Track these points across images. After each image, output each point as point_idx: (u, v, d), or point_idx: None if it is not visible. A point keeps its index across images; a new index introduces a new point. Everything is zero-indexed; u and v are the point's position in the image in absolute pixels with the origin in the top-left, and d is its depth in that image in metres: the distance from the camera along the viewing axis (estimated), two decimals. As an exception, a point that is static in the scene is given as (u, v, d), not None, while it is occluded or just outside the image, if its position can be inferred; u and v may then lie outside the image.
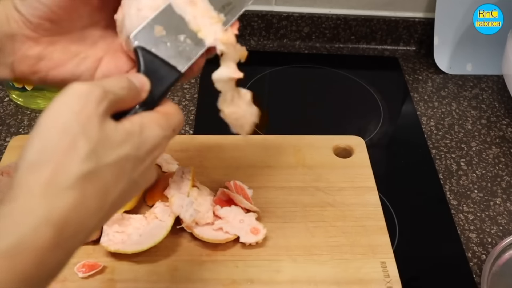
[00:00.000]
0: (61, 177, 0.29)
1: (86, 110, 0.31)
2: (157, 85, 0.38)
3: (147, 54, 0.39)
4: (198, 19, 0.41)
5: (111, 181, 0.31)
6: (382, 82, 0.91)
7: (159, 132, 0.35)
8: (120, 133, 0.32)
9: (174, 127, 0.37)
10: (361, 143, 0.67)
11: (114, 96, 0.33)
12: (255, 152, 0.65)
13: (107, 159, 0.31)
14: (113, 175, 0.31)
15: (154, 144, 0.35)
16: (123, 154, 0.32)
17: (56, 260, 0.29)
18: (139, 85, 0.37)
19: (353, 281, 0.53)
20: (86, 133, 0.30)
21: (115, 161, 0.31)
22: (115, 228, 0.53)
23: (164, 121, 0.36)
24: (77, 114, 0.30)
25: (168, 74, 0.39)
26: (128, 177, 0.33)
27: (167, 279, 0.52)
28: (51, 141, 0.30)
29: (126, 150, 0.32)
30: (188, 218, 0.53)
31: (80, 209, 0.29)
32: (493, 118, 0.85)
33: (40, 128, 0.30)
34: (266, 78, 0.90)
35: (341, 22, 0.96)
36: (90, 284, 0.51)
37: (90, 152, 0.30)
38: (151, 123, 0.35)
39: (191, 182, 0.57)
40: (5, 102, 0.80)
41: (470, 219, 0.68)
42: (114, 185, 0.31)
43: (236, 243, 0.55)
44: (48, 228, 0.28)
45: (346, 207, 0.60)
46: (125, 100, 0.35)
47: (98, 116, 0.31)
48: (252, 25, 0.95)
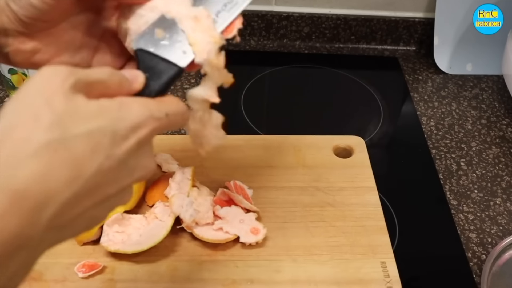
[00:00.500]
0: (24, 146, 0.28)
1: (50, 86, 0.30)
2: (155, 79, 0.38)
3: (146, 54, 0.39)
4: (197, 33, 0.41)
5: (83, 153, 0.29)
6: (382, 82, 0.91)
7: (142, 110, 0.33)
8: (92, 107, 0.31)
9: (167, 112, 0.35)
10: (361, 143, 0.67)
11: (86, 76, 0.32)
12: (255, 152, 0.65)
13: (75, 130, 0.29)
14: (85, 147, 0.30)
15: (136, 122, 0.32)
16: (96, 126, 0.30)
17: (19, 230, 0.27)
18: (131, 76, 0.36)
19: (353, 281, 0.53)
20: (49, 104, 0.29)
21: (86, 132, 0.30)
22: (115, 228, 0.53)
23: (153, 104, 0.35)
24: (42, 90, 0.30)
25: (166, 69, 0.39)
26: (108, 153, 0.31)
27: (167, 279, 0.52)
28: (15, 114, 0.29)
29: (100, 122, 0.31)
30: (188, 218, 0.54)
31: (44, 178, 0.28)
32: (493, 118, 0.85)
33: (6, 108, 0.30)
34: (266, 78, 0.90)
35: (341, 22, 0.96)
36: (90, 284, 0.51)
37: (54, 122, 0.29)
38: (134, 102, 0.34)
39: (191, 182, 0.57)
40: (5, 102, 0.80)
41: (470, 219, 0.68)
42: (88, 157, 0.30)
43: (236, 243, 0.55)
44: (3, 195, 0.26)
45: (346, 207, 0.60)
46: (105, 83, 0.34)
47: (64, 90, 0.30)
48: (252, 25, 0.95)
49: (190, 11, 0.41)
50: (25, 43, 0.39)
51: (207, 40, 0.41)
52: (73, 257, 0.53)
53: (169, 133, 0.76)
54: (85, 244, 0.54)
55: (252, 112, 0.82)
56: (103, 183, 0.31)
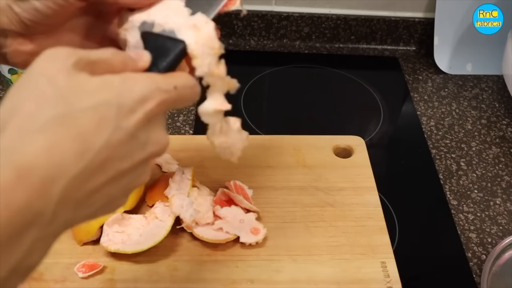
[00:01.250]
0: (29, 123, 0.28)
1: (52, 65, 0.30)
2: (162, 57, 0.37)
3: (151, 35, 0.39)
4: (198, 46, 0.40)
5: (89, 126, 0.29)
6: (382, 82, 0.91)
7: (148, 83, 0.33)
8: (96, 81, 0.31)
9: (176, 85, 0.35)
10: (361, 143, 0.67)
11: (87, 55, 0.32)
12: (255, 152, 0.65)
13: (80, 104, 0.29)
14: (91, 120, 0.29)
15: (142, 94, 0.32)
16: (101, 100, 0.30)
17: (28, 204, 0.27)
18: (135, 55, 0.36)
19: (353, 281, 0.53)
20: (52, 83, 0.29)
21: (91, 106, 0.30)
22: (115, 228, 0.53)
23: (159, 77, 0.34)
24: (44, 70, 0.30)
25: (173, 46, 0.38)
26: (115, 125, 0.30)
27: (167, 279, 0.52)
28: (19, 97, 0.29)
29: (104, 95, 0.30)
30: (188, 218, 0.54)
31: (52, 152, 0.28)
32: (493, 118, 0.85)
33: (10, 91, 0.30)
34: (266, 78, 0.90)
35: (341, 22, 0.96)
36: (90, 284, 0.51)
37: (58, 98, 0.29)
38: (138, 76, 0.33)
39: (191, 182, 0.57)
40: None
41: (470, 219, 0.68)
42: (95, 131, 0.29)
43: (236, 243, 0.55)
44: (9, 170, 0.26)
45: (346, 207, 0.60)
46: (111, 63, 0.33)
47: (65, 68, 0.30)
48: (252, 25, 0.95)
49: (188, 20, 0.40)
50: (24, 45, 0.39)
51: (207, 52, 0.40)
52: (73, 257, 0.53)
53: (169, 133, 0.76)
54: (85, 244, 0.54)
55: (252, 112, 0.82)
56: (115, 157, 0.31)
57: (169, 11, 0.40)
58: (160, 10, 0.41)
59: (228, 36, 0.95)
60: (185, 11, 0.41)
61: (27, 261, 0.28)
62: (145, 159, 0.33)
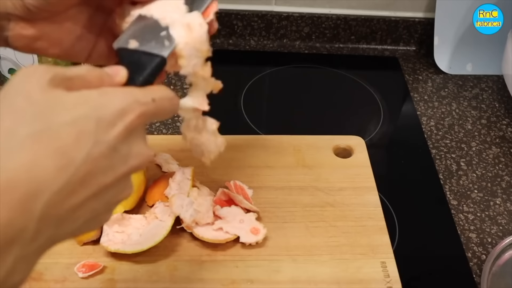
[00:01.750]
0: (8, 139, 0.28)
1: (28, 83, 0.30)
2: (138, 72, 0.37)
3: (127, 51, 0.39)
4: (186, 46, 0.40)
5: (68, 141, 0.29)
6: (382, 82, 0.91)
7: (127, 96, 0.33)
8: (73, 96, 0.31)
9: (153, 97, 0.35)
10: (361, 143, 0.67)
11: (62, 71, 0.32)
12: (255, 152, 0.65)
13: (58, 119, 0.29)
14: (70, 135, 0.29)
15: (121, 107, 0.32)
16: (79, 114, 0.30)
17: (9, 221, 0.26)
18: (111, 71, 0.36)
19: (353, 281, 0.53)
20: (28, 99, 0.29)
21: (69, 120, 0.29)
22: (115, 228, 0.53)
23: (137, 90, 0.34)
24: (20, 88, 0.30)
25: (150, 60, 0.38)
26: (95, 139, 0.30)
27: (167, 279, 0.52)
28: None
29: (82, 110, 0.30)
30: (188, 218, 0.54)
31: (32, 168, 0.27)
32: (493, 118, 0.85)
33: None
34: (266, 78, 0.90)
35: (341, 22, 0.96)
36: (90, 284, 0.51)
37: (35, 114, 0.29)
38: (115, 89, 0.33)
39: (191, 182, 0.57)
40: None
41: (470, 219, 0.68)
42: (75, 145, 0.29)
43: (236, 243, 0.55)
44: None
45: (346, 207, 0.60)
46: (87, 79, 0.33)
47: (41, 85, 0.30)
48: (252, 25, 0.95)
49: (183, 18, 0.40)
50: (26, 29, 0.40)
51: (195, 54, 0.40)
52: (73, 257, 0.53)
53: (169, 133, 0.76)
54: (85, 244, 0.54)
55: (252, 112, 0.82)
56: (97, 172, 0.31)
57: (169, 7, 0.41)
58: (161, 6, 0.41)
59: (228, 36, 0.95)
60: (183, 8, 0.41)
61: (10, 281, 0.28)
62: (127, 172, 0.33)
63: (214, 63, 0.44)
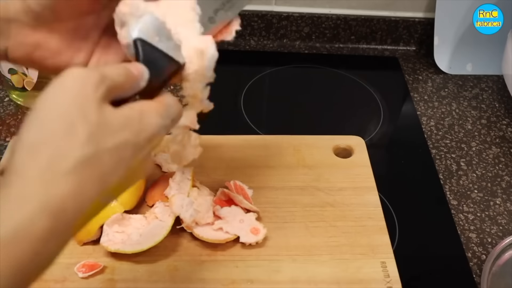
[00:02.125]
0: (60, 162, 0.28)
1: (84, 93, 0.30)
2: (156, 75, 0.38)
3: (146, 45, 0.38)
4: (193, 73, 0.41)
5: (110, 167, 0.31)
6: (382, 82, 0.91)
7: (158, 121, 0.35)
8: (119, 119, 0.32)
9: (172, 117, 0.37)
10: (361, 143, 0.67)
11: (111, 82, 0.32)
12: (255, 152, 0.65)
13: (106, 144, 0.30)
14: (112, 161, 0.31)
15: (153, 132, 0.34)
16: (123, 140, 0.31)
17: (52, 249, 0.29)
18: (137, 73, 0.36)
19: (353, 281, 0.53)
20: (85, 116, 0.30)
21: (114, 146, 0.31)
22: (115, 228, 0.53)
23: (163, 110, 0.36)
24: (75, 97, 0.30)
25: (167, 65, 0.38)
26: (127, 164, 0.32)
27: (167, 279, 0.52)
28: (49, 124, 0.29)
29: (125, 135, 0.32)
30: (188, 218, 0.54)
31: (78, 196, 0.29)
32: (493, 118, 0.85)
33: (38, 110, 0.30)
34: (266, 78, 0.90)
35: (341, 22, 0.96)
36: (90, 284, 0.51)
37: (90, 136, 0.29)
38: (151, 111, 0.35)
39: (191, 182, 0.57)
40: (5, 102, 0.80)
41: (470, 219, 0.68)
42: (113, 171, 0.31)
43: (236, 243, 0.55)
44: (44, 216, 0.27)
45: (346, 207, 0.60)
46: (123, 87, 0.34)
47: (97, 99, 0.31)
48: (252, 25, 0.95)
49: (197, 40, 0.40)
50: (28, 36, 0.40)
51: (199, 80, 0.41)
52: (73, 257, 0.53)
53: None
54: (85, 244, 0.54)
55: (252, 112, 0.82)
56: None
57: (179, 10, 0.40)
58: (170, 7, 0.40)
59: (228, 36, 0.95)
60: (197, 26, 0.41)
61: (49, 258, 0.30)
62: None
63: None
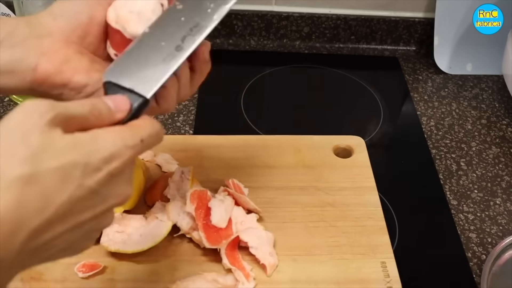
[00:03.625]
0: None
1: (28, 121, 0.31)
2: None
3: (113, 86, 0.39)
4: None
5: (53, 185, 0.31)
6: (382, 82, 0.91)
7: (116, 141, 0.34)
8: (66, 141, 0.32)
9: (142, 138, 0.36)
10: (361, 143, 0.67)
11: (65, 110, 0.33)
12: (255, 152, 0.65)
13: (48, 164, 0.31)
14: (56, 179, 0.31)
15: (110, 153, 0.34)
16: (69, 160, 0.32)
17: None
18: (114, 106, 0.37)
19: (353, 281, 0.53)
20: (25, 140, 0.31)
21: (58, 166, 0.31)
22: (115, 228, 0.53)
23: (127, 132, 0.36)
24: (19, 125, 0.31)
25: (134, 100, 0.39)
26: (78, 183, 0.32)
27: (167, 279, 0.52)
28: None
29: (72, 156, 0.32)
30: (185, 226, 0.53)
31: (16, 209, 0.29)
32: (493, 118, 0.85)
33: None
34: (266, 78, 0.90)
35: (341, 22, 0.96)
36: (90, 284, 0.51)
37: (28, 157, 0.30)
38: (107, 133, 0.35)
39: (191, 182, 0.57)
40: (5, 102, 0.80)
41: (470, 219, 0.68)
42: (59, 189, 0.31)
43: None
44: None
45: (346, 207, 0.60)
46: (86, 118, 0.34)
47: (41, 125, 0.31)
48: (252, 25, 0.95)
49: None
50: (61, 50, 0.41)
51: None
52: (73, 257, 0.53)
53: (169, 133, 0.76)
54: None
55: (252, 112, 0.82)
56: (75, 211, 0.32)
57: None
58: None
59: (228, 36, 0.95)
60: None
61: None
62: (106, 210, 0.35)
63: (214, 63, 0.44)
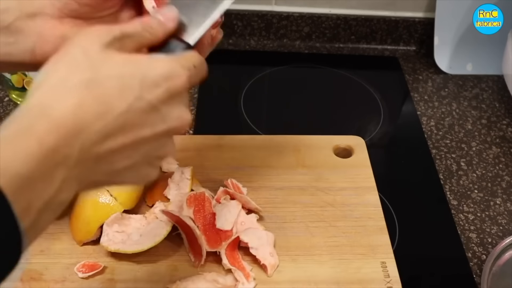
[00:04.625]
0: (62, 84, 0.32)
1: (88, 40, 0.34)
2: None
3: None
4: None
5: (113, 92, 0.33)
6: (382, 82, 0.91)
7: (172, 62, 0.36)
8: (124, 57, 0.34)
9: (194, 63, 0.38)
10: (361, 143, 0.67)
11: (120, 32, 0.35)
12: (255, 152, 0.65)
13: (107, 71, 0.33)
14: (116, 87, 0.33)
15: (168, 70, 0.35)
16: (128, 72, 0.34)
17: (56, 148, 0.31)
18: (164, 18, 0.38)
19: (353, 281, 0.53)
20: (85, 53, 0.33)
21: (117, 75, 0.33)
22: (115, 228, 0.53)
23: (180, 57, 0.37)
24: (80, 43, 0.34)
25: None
26: (137, 95, 0.33)
27: (167, 279, 0.52)
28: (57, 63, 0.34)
29: (130, 69, 0.34)
30: None
31: (77, 111, 0.31)
32: (493, 118, 0.85)
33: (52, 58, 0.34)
34: (266, 78, 0.90)
35: (341, 22, 0.96)
36: (90, 284, 0.51)
37: (88, 66, 0.33)
38: (163, 57, 0.36)
39: (191, 182, 0.57)
40: (5, 102, 0.80)
41: (470, 219, 0.68)
42: (118, 97, 0.33)
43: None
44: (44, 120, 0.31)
45: (346, 207, 0.60)
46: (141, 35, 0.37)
47: (100, 44, 0.34)
48: (252, 25, 0.95)
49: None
50: (55, 28, 0.41)
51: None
52: (73, 257, 0.53)
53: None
54: (85, 244, 0.54)
55: (252, 112, 0.82)
56: (135, 124, 0.34)
57: None
58: None
59: (228, 36, 0.95)
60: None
61: (58, 198, 0.32)
62: (166, 131, 0.36)
63: (214, 63, 0.44)
